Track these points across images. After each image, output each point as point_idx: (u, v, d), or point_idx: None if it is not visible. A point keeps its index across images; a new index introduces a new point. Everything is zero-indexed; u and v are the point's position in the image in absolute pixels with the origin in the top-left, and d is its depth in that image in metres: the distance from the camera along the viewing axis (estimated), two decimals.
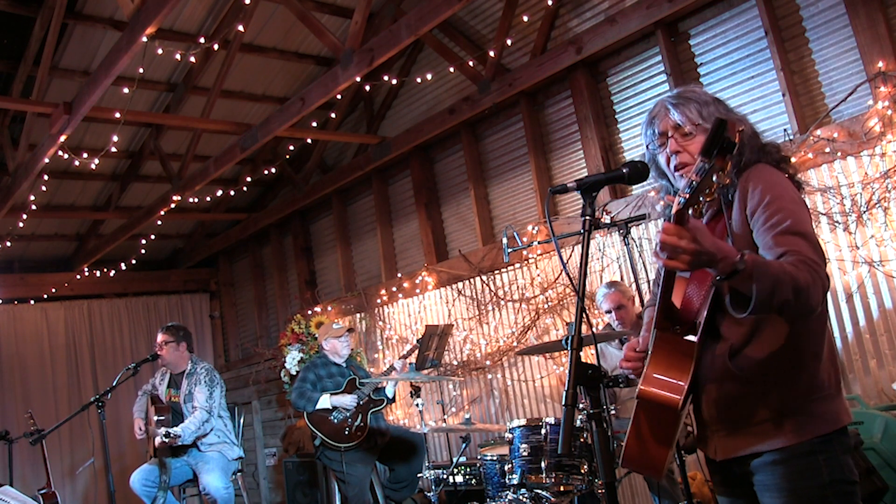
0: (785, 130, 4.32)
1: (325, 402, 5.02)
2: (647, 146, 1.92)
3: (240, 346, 9.10)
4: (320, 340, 5.39)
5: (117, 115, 5.22)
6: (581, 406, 2.91)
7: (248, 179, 7.20)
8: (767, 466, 1.70)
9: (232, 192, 7.47)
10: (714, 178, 1.42)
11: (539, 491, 3.33)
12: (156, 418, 4.93)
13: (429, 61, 6.35)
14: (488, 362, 5.83)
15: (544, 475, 3.30)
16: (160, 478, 4.82)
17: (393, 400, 5.31)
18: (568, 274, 1.97)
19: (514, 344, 5.64)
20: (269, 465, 8.16)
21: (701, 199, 1.45)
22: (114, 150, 5.62)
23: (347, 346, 5.34)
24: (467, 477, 4.63)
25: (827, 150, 4.09)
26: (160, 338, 5.17)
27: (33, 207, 6.63)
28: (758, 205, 1.70)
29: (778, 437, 1.69)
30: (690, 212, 1.47)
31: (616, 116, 5.33)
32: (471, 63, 5.73)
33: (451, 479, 4.61)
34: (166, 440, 4.67)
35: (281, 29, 5.99)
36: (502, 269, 5.81)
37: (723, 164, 1.41)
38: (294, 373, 6.85)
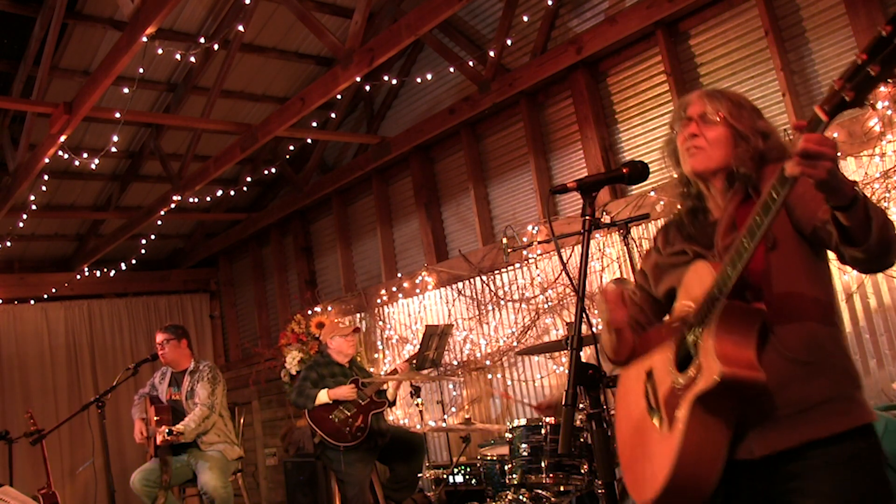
0: (785, 130, 4.32)
1: (322, 396, 5.02)
2: (674, 134, 1.92)
3: (240, 346, 9.09)
4: (325, 338, 5.36)
5: (117, 115, 5.21)
6: (581, 406, 2.92)
7: (248, 179, 7.20)
8: (810, 472, 1.60)
9: (232, 192, 7.47)
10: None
11: (539, 491, 3.34)
12: (156, 418, 4.93)
13: (429, 61, 6.35)
14: (488, 362, 5.83)
15: (544, 475, 3.30)
16: (161, 477, 4.81)
17: (394, 403, 5.31)
18: (568, 274, 1.94)
19: (514, 344, 5.64)
20: (269, 465, 8.16)
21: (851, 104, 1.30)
22: (114, 150, 5.61)
23: (353, 346, 5.34)
24: (467, 477, 4.63)
25: None
26: (160, 337, 5.16)
27: (33, 207, 6.63)
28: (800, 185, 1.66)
29: (827, 422, 1.60)
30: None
31: (616, 116, 5.33)
32: (471, 63, 5.73)
33: (451, 479, 4.61)
34: (169, 437, 4.68)
35: (281, 29, 5.99)
36: (502, 269, 5.81)
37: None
38: (294, 373, 6.84)
